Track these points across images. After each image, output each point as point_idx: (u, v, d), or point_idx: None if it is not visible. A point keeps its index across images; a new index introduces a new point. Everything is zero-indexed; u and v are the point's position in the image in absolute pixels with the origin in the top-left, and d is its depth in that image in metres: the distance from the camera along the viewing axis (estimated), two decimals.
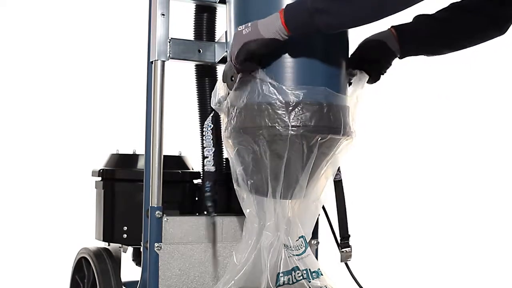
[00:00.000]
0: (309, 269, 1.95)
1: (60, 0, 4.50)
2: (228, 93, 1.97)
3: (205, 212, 2.32)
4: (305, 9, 1.76)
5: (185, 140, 2.62)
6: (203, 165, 2.13)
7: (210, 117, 2.04)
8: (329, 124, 1.96)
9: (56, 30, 4.52)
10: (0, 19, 4.51)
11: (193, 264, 2.17)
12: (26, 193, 4.41)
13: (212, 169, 2.02)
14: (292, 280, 1.94)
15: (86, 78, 4.51)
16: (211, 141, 2.03)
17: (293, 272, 1.94)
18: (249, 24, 1.84)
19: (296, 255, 1.95)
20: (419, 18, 2.13)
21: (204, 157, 2.03)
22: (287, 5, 1.82)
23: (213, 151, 2.02)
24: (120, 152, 2.51)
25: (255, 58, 1.85)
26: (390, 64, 2.14)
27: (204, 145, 2.03)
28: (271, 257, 1.92)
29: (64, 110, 4.51)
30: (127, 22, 3.97)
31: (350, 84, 2.09)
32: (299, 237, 1.96)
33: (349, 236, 2.17)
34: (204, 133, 2.06)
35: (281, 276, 1.93)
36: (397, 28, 2.13)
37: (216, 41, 2.28)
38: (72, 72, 4.52)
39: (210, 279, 2.19)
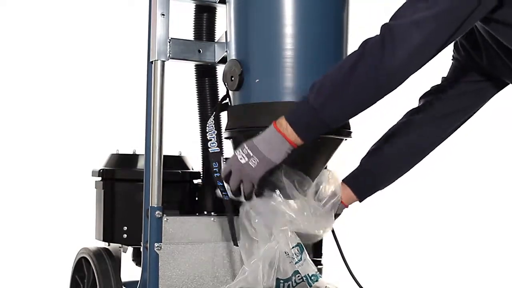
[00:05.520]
0: (308, 274, 1.95)
1: (60, 0, 4.50)
2: None
3: (205, 212, 2.32)
4: (309, 108, 1.70)
5: (185, 140, 2.62)
6: (207, 148, 2.07)
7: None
8: None
9: (56, 30, 4.51)
10: (0, 19, 4.51)
11: (193, 264, 2.17)
12: (26, 193, 4.41)
13: (217, 149, 2.02)
14: (293, 285, 1.95)
15: (86, 78, 4.50)
16: (213, 125, 2.03)
17: (293, 277, 1.95)
18: (251, 153, 1.76)
19: (295, 263, 1.95)
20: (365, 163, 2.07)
21: (208, 140, 2.02)
22: (291, 123, 1.73)
23: (215, 133, 2.03)
24: (120, 152, 2.51)
25: None
26: None
27: (207, 130, 2.03)
28: (270, 262, 1.91)
29: (64, 110, 4.51)
30: (127, 22, 3.97)
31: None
32: (295, 245, 1.95)
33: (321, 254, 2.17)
34: (208, 122, 2.07)
35: (281, 282, 1.93)
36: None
37: (216, 41, 2.28)
38: (72, 72, 4.52)
39: (210, 279, 2.19)
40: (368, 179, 2.06)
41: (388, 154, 2.05)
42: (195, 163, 2.49)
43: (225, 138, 2.11)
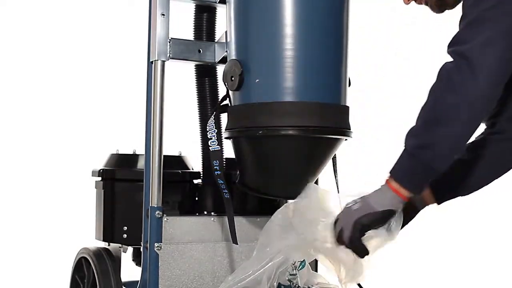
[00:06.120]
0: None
1: (60, 0, 4.51)
2: None
3: (205, 212, 2.32)
4: (409, 156, 1.67)
5: (185, 140, 2.62)
6: (208, 147, 2.08)
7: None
8: (329, 124, 1.97)
9: (56, 30, 4.52)
10: (0, 19, 4.52)
11: (193, 264, 2.17)
12: (27, 193, 4.41)
13: (218, 148, 2.02)
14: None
15: (86, 78, 4.51)
16: (213, 124, 2.04)
17: (291, 282, 1.96)
18: (358, 199, 1.76)
19: (293, 274, 1.98)
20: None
21: (208, 139, 2.03)
22: (391, 174, 1.72)
23: (216, 132, 2.04)
24: (120, 152, 2.51)
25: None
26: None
27: (207, 129, 2.04)
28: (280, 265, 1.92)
29: (64, 110, 4.51)
30: (127, 22, 3.97)
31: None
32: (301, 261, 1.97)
33: None
34: (208, 122, 2.08)
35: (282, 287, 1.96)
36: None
37: (216, 41, 2.28)
38: (72, 72, 4.53)
39: (210, 279, 2.19)
40: (450, 185, 2.03)
41: (472, 163, 2.00)
42: (195, 163, 2.49)
43: (225, 138, 2.11)
